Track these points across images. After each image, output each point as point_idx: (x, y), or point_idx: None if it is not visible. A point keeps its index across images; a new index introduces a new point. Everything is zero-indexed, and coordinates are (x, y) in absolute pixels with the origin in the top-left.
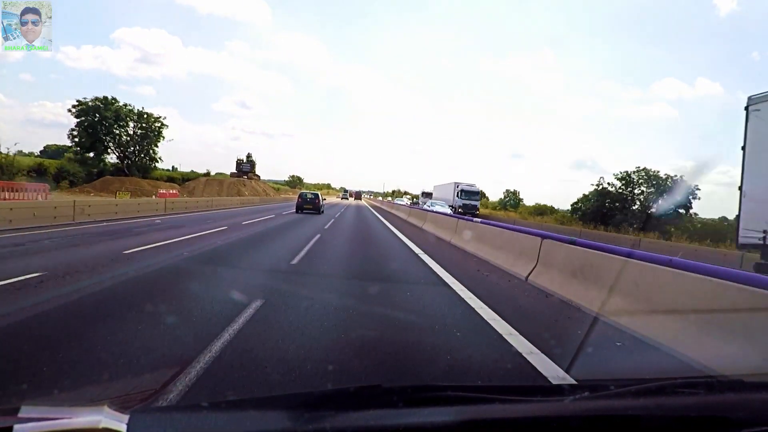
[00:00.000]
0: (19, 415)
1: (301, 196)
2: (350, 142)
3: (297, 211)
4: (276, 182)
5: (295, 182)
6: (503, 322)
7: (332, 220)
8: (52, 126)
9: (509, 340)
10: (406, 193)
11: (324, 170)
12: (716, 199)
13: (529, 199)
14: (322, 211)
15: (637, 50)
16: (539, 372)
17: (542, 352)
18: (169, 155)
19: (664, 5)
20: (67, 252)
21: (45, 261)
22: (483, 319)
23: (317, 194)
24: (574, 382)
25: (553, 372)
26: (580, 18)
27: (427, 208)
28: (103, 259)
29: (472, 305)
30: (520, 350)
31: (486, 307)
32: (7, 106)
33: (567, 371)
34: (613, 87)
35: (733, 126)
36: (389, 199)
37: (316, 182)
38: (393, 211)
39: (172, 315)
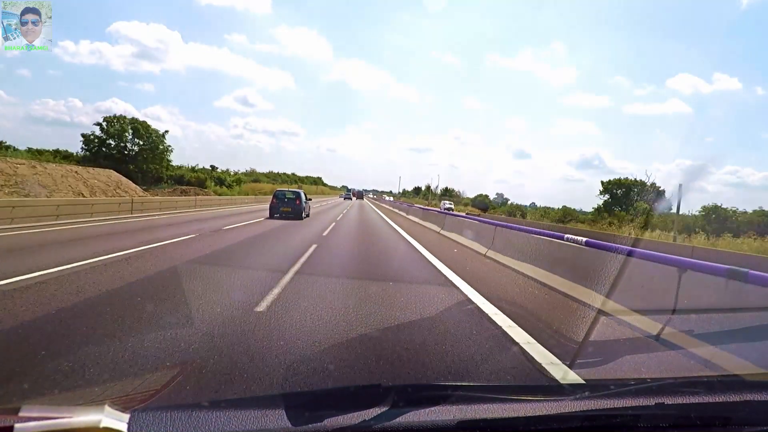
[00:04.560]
0: (20, 414)
1: (276, 195)
2: (351, 140)
3: (271, 216)
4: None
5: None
6: None
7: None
8: (53, 124)
9: None
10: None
11: (324, 170)
12: (723, 199)
13: (533, 200)
14: (308, 214)
15: (652, 44)
16: None
17: None
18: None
19: None
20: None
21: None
22: None
23: (299, 193)
24: (574, 381)
25: None
26: (591, 10)
27: None
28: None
29: None
30: None
31: None
32: (9, 103)
33: None
34: (625, 83)
35: (748, 123)
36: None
37: (292, 172)
38: None
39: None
